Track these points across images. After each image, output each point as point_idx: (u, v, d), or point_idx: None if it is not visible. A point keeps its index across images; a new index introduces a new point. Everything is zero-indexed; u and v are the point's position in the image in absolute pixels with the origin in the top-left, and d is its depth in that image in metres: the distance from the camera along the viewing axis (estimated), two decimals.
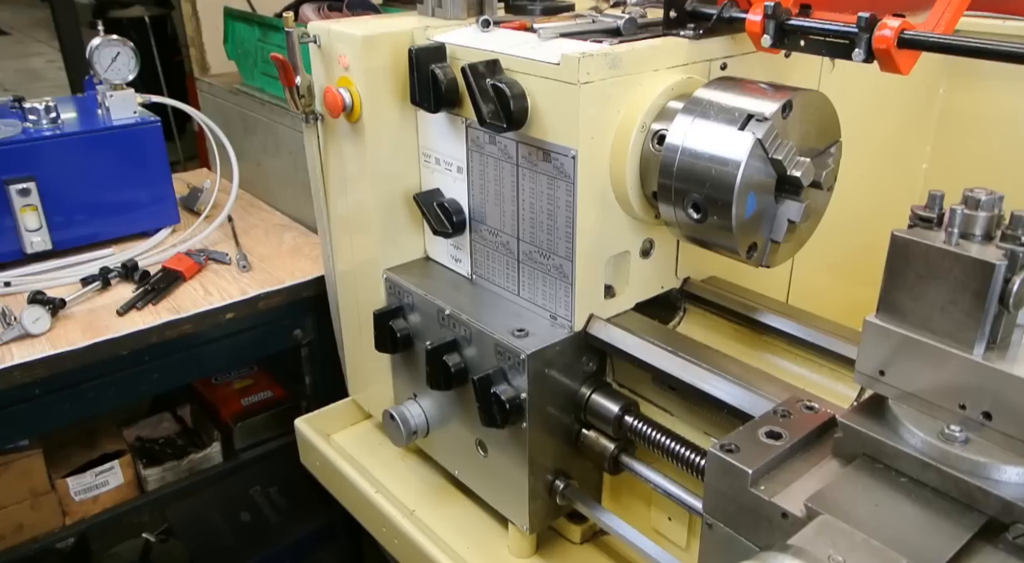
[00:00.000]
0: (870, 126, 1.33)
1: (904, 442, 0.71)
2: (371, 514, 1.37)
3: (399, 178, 1.27)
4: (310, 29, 1.25)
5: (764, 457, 0.76)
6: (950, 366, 0.68)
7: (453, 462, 1.30)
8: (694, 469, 1.01)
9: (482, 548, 1.26)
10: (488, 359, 1.11)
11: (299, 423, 1.56)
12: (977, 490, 0.66)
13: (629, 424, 1.09)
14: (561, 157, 1.02)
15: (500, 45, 1.07)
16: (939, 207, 0.71)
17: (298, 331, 1.76)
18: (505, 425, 1.08)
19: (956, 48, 0.90)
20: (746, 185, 0.92)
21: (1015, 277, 0.65)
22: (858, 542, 0.64)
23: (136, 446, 1.99)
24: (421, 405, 1.29)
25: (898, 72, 0.94)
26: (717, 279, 1.21)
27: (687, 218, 0.98)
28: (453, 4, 1.22)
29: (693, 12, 1.07)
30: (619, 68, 0.99)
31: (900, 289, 0.71)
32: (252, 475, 2.20)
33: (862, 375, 0.75)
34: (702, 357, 1.01)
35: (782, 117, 0.92)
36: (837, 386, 1.02)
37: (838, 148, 1.01)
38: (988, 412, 0.67)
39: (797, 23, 1.01)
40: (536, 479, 1.14)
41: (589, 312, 1.10)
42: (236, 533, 2.13)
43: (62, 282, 1.67)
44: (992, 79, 1.43)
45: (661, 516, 1.17)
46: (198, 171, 2.51)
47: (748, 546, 0.76)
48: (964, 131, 1.51)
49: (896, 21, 0.92)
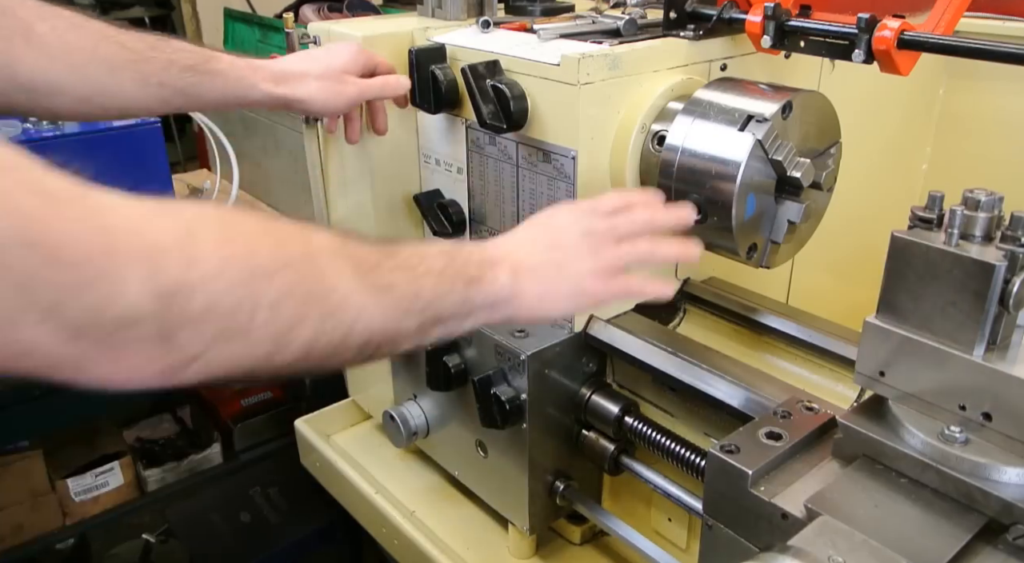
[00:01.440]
0: (870, 127, 1.33)
1: (904, 443, 0.71)
2: (371, 514, 1.37)
3: (399, 179, 1.27)
4: (310, 30, 1.25)
5: (764, 458, 0.76)
6: (950, 367, 0.68)
7: (453, 463, 1.30)
8: (694, 470, 1.01)
9: (482, 549, 1.26)
10: (488, 360, 1.11)
11: (299, 424, 1.56)
12: (977, 491, 0.66)
13: (629, 425, 1.09)
14: (561, 158, 1.02)
15: (500, 46, 1.07)
16: (939, 208, 0.71)
17: None
18: (505, 426, 1.08)
19: (956, 49, 0.90)
20: (746, 186, 0.92)
21: (1015, 278, 0.65)
22: (858, 543, 0.64)
23: (136, 447, 1.99)
24: (421, 406, 1.29)
25: (898, 73, 0.94)
26: (717, 280, 1.21)
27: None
28: (453, 5, 1.22)
29: (693, 13, 1.07)
30: (619, 69, 0.99)
31: (900, 290, 0.71)
32: (252, 476, 2.20)
33: (862, 376, 0.75)
34: (702, 358, 1.01)
35: (782, 118, 0.92)
36: (837, 387, 1.02)
37: (838, 149, 1.01)
38: (988, 413, 0.67)
39: (797, 24, 1.01)
40: (536, 480, 1.14)
41: (589, 313, 1.10)
42: (236, 534, 2.13)
43: None
44: (992, 80, 1.43)
45: (661, 517, 1.17)
46: (198, 172, 2.51)
47: (748, 547, 0.76)
48: (964, 132, 1.50)
49: (896, 22, 0.92)
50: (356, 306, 0.63)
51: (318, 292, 0.61)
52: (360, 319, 0.64)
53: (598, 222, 0.83)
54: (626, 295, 0.84)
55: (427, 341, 0.72)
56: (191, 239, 0.53)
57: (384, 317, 0.66)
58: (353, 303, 0.63)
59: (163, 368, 0.53)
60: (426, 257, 0.71)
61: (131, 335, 0.50)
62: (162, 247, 0.51)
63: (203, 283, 0.52)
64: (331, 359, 0.64)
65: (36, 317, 0.46)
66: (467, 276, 0.73)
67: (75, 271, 0.47)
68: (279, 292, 0.57)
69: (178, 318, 0.51)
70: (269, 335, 0.57)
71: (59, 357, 0.49)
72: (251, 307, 0.55)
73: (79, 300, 0.47)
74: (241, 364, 0.57)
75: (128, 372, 0.52)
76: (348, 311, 0.63)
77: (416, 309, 0.68)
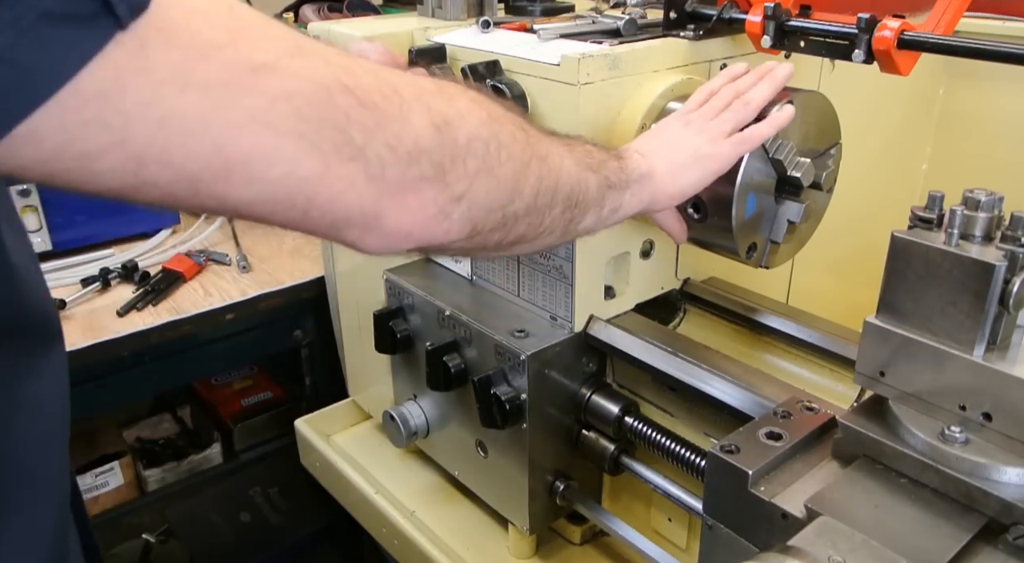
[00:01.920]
0: (870, 127, 1.33)
1: (904, 443, 0.71)
2: (371, 515, 1.37)
3: None
4: (310, 30, 1.25)
5: (764, 458, 0.76)
6: (950, 367, 0.68)
7: (453, 463, 1.30)
8: (694, 470, 1.01)
9: (482, 549, 1.26)
10: (488, 360, 1.11)
11: (299, 424, 1.56)
12: (977, 491, 0.66)
13: (629, 425, 1.09)
14: None
15: (500, 46, 1.07)
16: (939, 208, 0.71)
17: (298, 332, 1.76)
18: (505, 426, 1.08)
19: (956, 49, 0.90)
20: (746, 185, 0.92)
21: (1015, 278, 0.65)
22: (858, 543, 0.64)
23: (136, 447, 1.99)
24: (421, 406, 1.29)
25: (898, 73, 0.94)
26: (717, 280, 1.21)
27: (687, 219, 0.98)
28: (453, 5, 1.22)
29: (693, 13, 1.07)
30: (619, 69, 0.99)
31: (900, 290, 0.71)
32: (252, 476, 2.20)
33: (862, 376, 0.75)
34: (702, 358, 1.01)
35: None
36: (837, 387, 1.02)
37: (838, 150, 1.01)
38: (988, 413, 0.67)
39: (797, 24, 1.01)
40: (536, 480, 1.14)
41: (589, 313, 1.10)
42: (236, 534, 2.13)
43: (62, 283, 1.67)
44: (992, 80, 1.43)
45: (661, 517, 1.17)
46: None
47: (748, 547, 0.76)
48: (964, 132, 1.50)
49: (896, 22, 0.92)
50: (557, 154, 0.70)
51: (531, 139, 0.68)
52: (563, 167, 0.71)
53: (690, 116, 0.91)
54: (743, 145, 0.89)
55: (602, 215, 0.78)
56: (442, 85, 0.60)
57: (576, 168, 0.73)
58: (554, 151, 0.70)
59: (439, 210, 0.58)
60: (575, 142, 0.77)
61: (415, 172, 0.56)
62: (429, 90, 0.58)
63: (461, 117, 0.59)
64: (548, 213, 0.70)
65: (349, 153, 0.52)
66: (614, 153, 0.82)
67: (376, 112, 0.53)
68: (509, 134, 0.64)
69: (449, 150, 0.58)
70: (511, 173, 0.64)
71: (360, 201, 0.54)
72: (496, 144, 0.62)
73: (379, 137, 0.53)
74: (492, 205, 0.63)
75: (412, 215, 0.57)
76: (553, 157, 0.70)
77: (593, 166, 0.76)
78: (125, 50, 0.42)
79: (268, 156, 0.48)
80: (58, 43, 0.40)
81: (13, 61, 0.39)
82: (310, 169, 0.50)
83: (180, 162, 0.46)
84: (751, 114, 0.90)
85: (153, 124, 0.44)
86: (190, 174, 0.47)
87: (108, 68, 0.42)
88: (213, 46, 0.46)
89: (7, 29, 0.38)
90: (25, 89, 0.40)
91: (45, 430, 0.62)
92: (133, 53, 0.43)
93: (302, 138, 0.49)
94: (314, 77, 0.49)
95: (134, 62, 0.43)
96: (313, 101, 0.49)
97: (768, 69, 0.94)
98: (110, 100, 0.42)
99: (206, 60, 0.45)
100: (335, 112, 0.50)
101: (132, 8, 0.42)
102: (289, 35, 0.51)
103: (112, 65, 0.42)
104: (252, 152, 0.48)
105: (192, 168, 0.46)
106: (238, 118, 0.46)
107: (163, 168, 0.46)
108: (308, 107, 0.49)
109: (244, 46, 0.47)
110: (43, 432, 0.62)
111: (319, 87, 0.50)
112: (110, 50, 0.42)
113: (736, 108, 0.90)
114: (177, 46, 0.44)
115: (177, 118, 0.44)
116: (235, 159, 0.47)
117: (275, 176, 0.49)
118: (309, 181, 0.50)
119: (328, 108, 0.50)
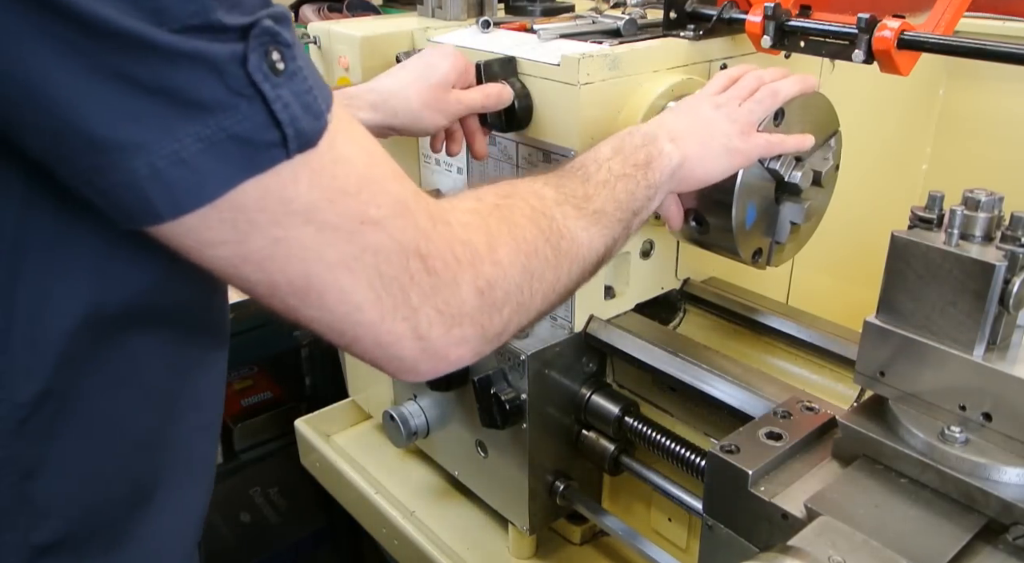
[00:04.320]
0: (870, 127, 1.33)
1: (904, 443, 0.71)
2: (371, 515, 1.37)
3: None
4: (310, 30, 1.25)
5: (764, 458, 0.76)
6: (950, 367, 0.68)
7: (453, 463, 1.30)
8: (694, 470, 1.01)
9: (482, 549, 1.26)
10: (488, 360, 1.11)
11: (299, 424, 1.56)
12: (977, 491, 0.66)
13: (629, 425, 1.09)
14: (561, 158, 1.02)
15: (500, 46, 1.07)
16: (939, 208, 0.71)
17: (298, 332, 1.76)
18: (505, 426, 1.08)
19: (956, 49, 0.90)
20: (745, 189, 0.92)
21: (1015, 278, 0.65)
22: (858, 543, 0.64)
23: None
24: (421, 406, 1.29)
25: (898, 73, 0.94)
26: (717, 280, 1.21)
27: (689, 229, 0.98)
28: (453, 5, 1.22)
29: (693, 13, 1.07)
30: (619, 69, 0.99)
31: (900, 290, 0.71)
32: (252, 476, 2.19)
33: (862, 376, 0.75)
34: (702, 358, 1.01)
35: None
36: (837, 387, 1.02)
37: (838, 139, 1.01)
38: (988, 413, 0.67)
39: (797, 24, 1.01)
40: (536, 480, 1.14)
41: (589, 313, 1.10)
42: (236, 534, 2.12)
43: None
44: (992, 80, 1.43)
45: (661, 517, 1.17)
46: None
47: (748, 547, 0.76)
48: (964, 132, 1.50)
49: (896, 22, 0.92)
50: (587, 241, 0.74)
51: (564, 248, 0.71)
52: (592, 248, 0.74)
53: (720, 97, 0.92)
54: (769, 149, 0.91)
55: (632, 230, 0.82)
56: (491, 242, 0.63)
57: (604, 238, 0.76)
58: (584, 240, 0.73)
59: (474, 354, 0.63)
60: (602, 162, 0.80)
61: (457, 334, 0.60)
62: (480, 254, 0.62)
63: (503, 278, 0.63)
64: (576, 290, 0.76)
65: (404, 314, 0.56)
66: (640, 163, 0.82)
67: (434, 278, 0.57)
68: (543, 263, 0.68)
69: (488, 309, 0.62)
70: (542, 297, 0.68)
71: (401, 353, 0.58)
72: (529, 285, 0.66)
73: (431, 301, 0.57)
74: (523, 325, 0.68)
75: (448, 365, 0.62)
76: (583, 248, 0.73)
77: (621, 217, 0.78)
78: (279, 179, 0.49)
79: (341, 294, 0.54)
80: (233, 160, 0.47)
81: (195, 167, 0.46)
82: (369, 317, 0.56)
83: (273, 273, 0.53)
84: (776, 105, 0.91)
85: (270, 241, 0.51)
86: (275, 284, 0.53)
87: (260, 188, 0.49)
88: (343, 193, 0.53)
89: (198, 142, 0.46)
90: (193, 190, 0.47)
91: (204, 419, 0.68)
92: (284, 184, 0.50)
93: (371, 289, 0.55)
94: (402, 239, 0.55)
95: (281, 191, 0.50)
96: (392, 261, 0.55)
97: (788, 73, 0.96)
98: (248, 211, 0.49)
99: (333, 205, 0.52)
100: (404, 274, 0.56)
101: (301, 145, 0.49)
102: (403, 190, 0.57)
103: (264, 187, 0.49)
104: (330, 286, 0.54)
105: (279, 280, 0.53)
106: (333, 257, 0.53)
107: (257, 272, 0.52)
108: (386, 264, 0.55)
109: (366, 198, 0.54)
110: (203, 420, 0.68)
111: (401, 250, 0.55)
112: (268, 175, 0.49)
113: (762, 98, 0.91)
114: (317, 187, 0.51)
115: (289, 243, 0.51)
116: (315, 286, 0.54)
117: (340, 311, 0.55)
118: (363, 325, 0.56)
119: (400, 269, 0.55)
